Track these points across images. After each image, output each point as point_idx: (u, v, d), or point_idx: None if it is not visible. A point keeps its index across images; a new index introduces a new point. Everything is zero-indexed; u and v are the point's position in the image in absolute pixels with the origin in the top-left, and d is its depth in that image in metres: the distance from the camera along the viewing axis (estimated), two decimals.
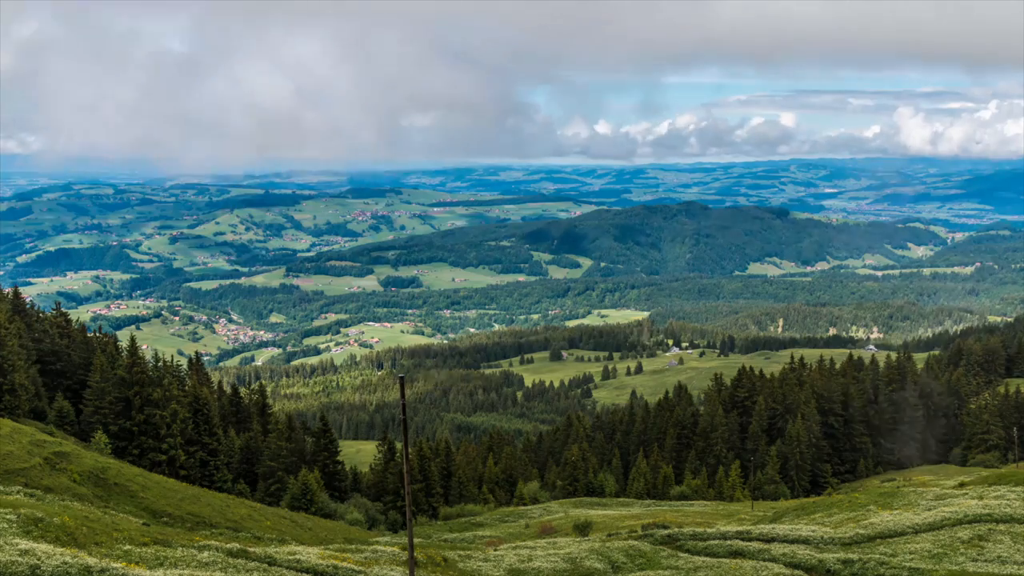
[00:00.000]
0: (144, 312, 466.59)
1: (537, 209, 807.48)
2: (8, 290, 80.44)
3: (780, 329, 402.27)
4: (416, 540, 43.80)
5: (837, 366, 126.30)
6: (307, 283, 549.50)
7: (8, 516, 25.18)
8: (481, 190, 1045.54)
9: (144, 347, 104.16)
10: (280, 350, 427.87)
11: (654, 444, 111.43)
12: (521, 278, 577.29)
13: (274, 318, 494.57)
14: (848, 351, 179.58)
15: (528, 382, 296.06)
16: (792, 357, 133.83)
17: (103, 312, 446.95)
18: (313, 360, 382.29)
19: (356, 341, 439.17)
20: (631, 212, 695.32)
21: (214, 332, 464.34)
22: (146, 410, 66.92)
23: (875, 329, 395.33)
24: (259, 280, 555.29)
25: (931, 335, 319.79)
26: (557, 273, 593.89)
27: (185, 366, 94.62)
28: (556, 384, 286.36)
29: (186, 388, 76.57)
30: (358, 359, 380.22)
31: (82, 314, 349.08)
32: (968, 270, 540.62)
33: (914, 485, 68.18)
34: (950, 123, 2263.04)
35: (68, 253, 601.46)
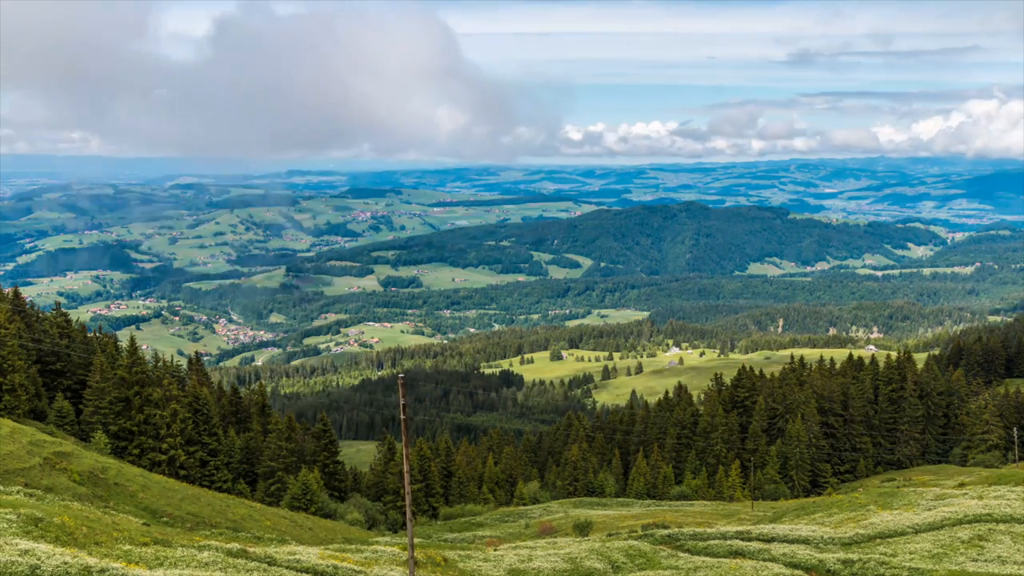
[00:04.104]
0: (144, 312, 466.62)
1: (537, 209, 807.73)
2: (8, 290, 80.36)
3: (780, 329, 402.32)
4: (416, 540, 43.80)
5: (837, 366, 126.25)
6: (307, 283, 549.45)
7: (8, 516, 25.18)
8: (481, 190, 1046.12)
9: (144, 347, 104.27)
10: (280, 350, 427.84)
11: (654, 444, 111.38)
12: (521, 278, 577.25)
13: (274, 318, 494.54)
14: (848, 351, 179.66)
15: (528, 382, 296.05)
16: (792, 357, 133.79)
17: (103, 312, 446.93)
18: (313, 360, 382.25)
19: (356, 341, 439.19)
20: (631, 212, 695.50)
21: (214, 332, 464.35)
22: (146, 410, 66.92)
23: (875, 329, 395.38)
24: (259, 280, 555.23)
25: (931, 335, 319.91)
26: (557, 273, 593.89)
27: (185, 366, 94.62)
28: (556, 384, 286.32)
29: (186, 388, 76.56)
30: (358, 359, 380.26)
31: (82, 314, 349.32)
32: (968, 270, 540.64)
33: (914, 485, 68.21)
34: (950, 123, 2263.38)
35: (68, 253, 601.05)
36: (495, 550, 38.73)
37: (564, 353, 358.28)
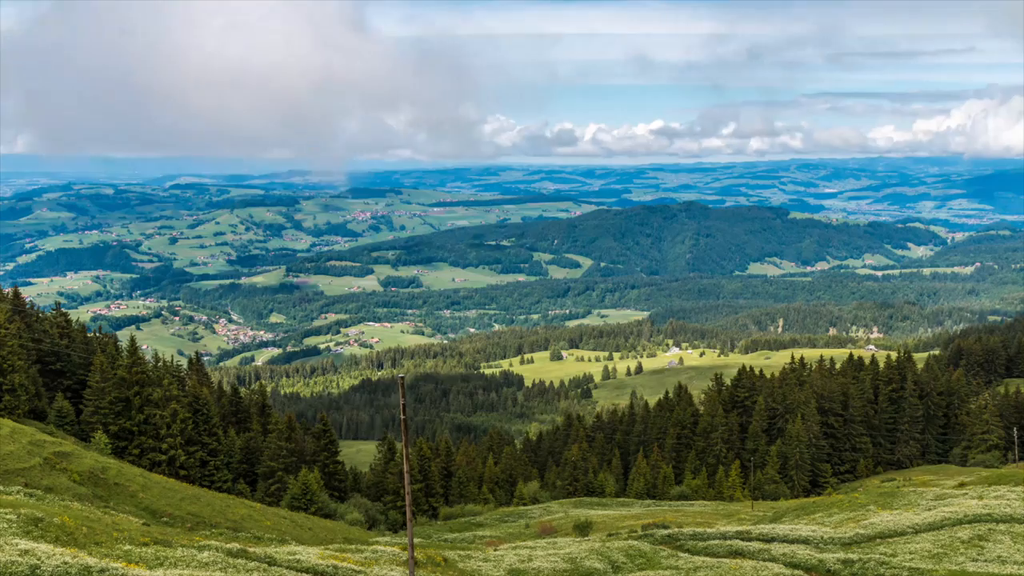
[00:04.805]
0: (144, 312, 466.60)
1: (537, 209, 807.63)
2: (8, 290, 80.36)
3: (780, 329, 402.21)
4: (416, 540, 43.80)
5: (837, 366, 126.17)
6: (307, 283, 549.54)
7: (8, 516, 25.17)
8: (481, 190, 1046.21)
9: (144, 347, 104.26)
10: (280, 350, 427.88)
11: (654, 444, 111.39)
12: (521, 278, 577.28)
13: (274, 318, 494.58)
14: (848, 351, 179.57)
15: (528, 382, 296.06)
16: (792, 357, 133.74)
17: (103, 312, 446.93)
18: (313, 360, 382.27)
19: (356, 341, 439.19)
20: (631, 212, 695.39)
21: (214, 332, 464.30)
22: (146, 410, 66.93)
23: (875, 329, 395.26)
24: (259, 280, 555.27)
25: (931, 335, 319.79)
26: (557, 273, 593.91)
27: (185, 366, 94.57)
28: (556, 384, 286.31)
29: (186, 388, 76.55)
30: (358, 359, 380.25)
31: (82, 314, 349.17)
32: (968, 270, 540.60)
33: (914, 485, 68.25)
34: (950, 123, 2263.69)
35: (68, 253, 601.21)
36: (495, 550, 38.73)
37: (564, 353, 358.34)
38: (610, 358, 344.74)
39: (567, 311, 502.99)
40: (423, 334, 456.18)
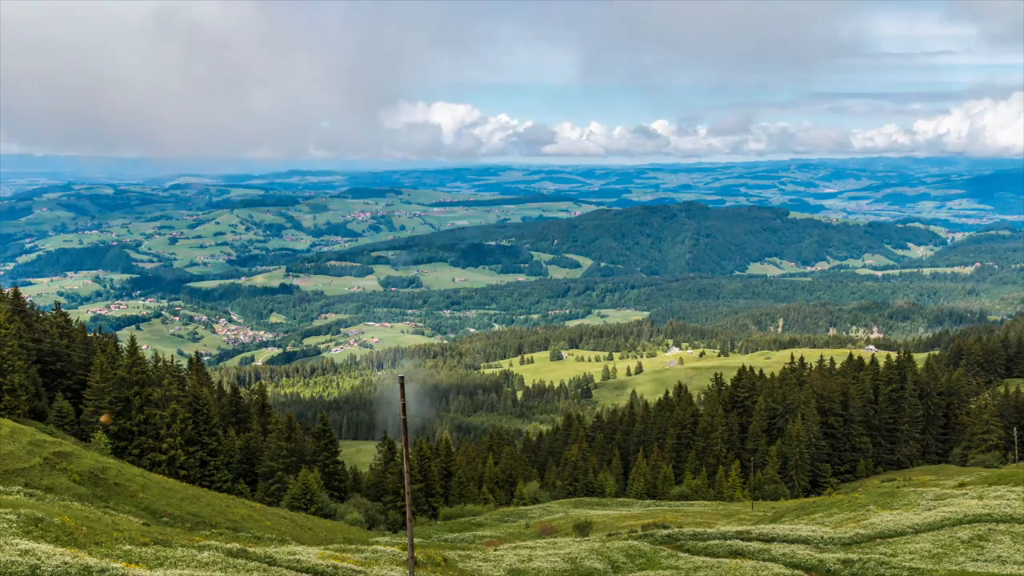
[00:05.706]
0: (144, 312, 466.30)
1: (537, 209, 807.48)
2: (8, 290, 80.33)
3: (780, 329, 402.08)
4: (416, 540, 43.81)
5: (837, 366, 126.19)
6: (307, 283, 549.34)
7: (8, 516, 25.16)
8: (481, 190, 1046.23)
9: (144, 347, 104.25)
10: (280, 350, 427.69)
11: (654, 444, 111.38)
12: (521, 278, 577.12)
13: (274, 318, 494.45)
14: (848, 351, 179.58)
15: (528, 382, 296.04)
16: (792, 357, 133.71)
17: (103, 312, 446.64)
18: (313, 360, 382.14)
19: (356, 341, 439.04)
20: (631, 212, 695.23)
21: (214, 332, 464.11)
22: (146, 410, 66.94)
23: (875, 329, 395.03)
24: (259, 280, 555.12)
25: (931, 335, 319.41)
26: (557, 273, 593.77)
27: (185, 366, 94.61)
28: (556, 384, 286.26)
29: (186, 388, 76.52)
30: (358, 359, 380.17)
31: (82, 314, 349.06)
32: (968, 270, 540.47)
33: (914, 485, 68.19)
34: (950, 123, 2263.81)
35: (68, 253, 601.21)
36: (495, 550, 38.73)
37: (564, 353, 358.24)
38: (610, 358, 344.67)
39: (567, 311, 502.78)
40: (423, 334, 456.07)
